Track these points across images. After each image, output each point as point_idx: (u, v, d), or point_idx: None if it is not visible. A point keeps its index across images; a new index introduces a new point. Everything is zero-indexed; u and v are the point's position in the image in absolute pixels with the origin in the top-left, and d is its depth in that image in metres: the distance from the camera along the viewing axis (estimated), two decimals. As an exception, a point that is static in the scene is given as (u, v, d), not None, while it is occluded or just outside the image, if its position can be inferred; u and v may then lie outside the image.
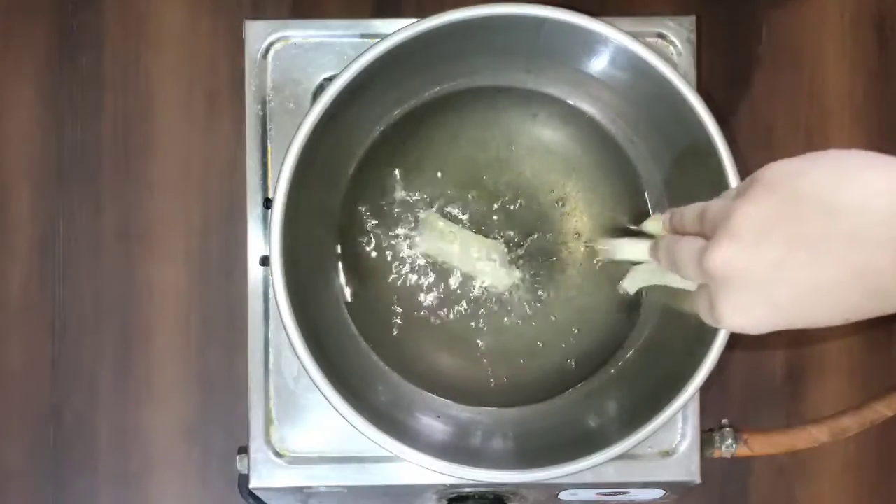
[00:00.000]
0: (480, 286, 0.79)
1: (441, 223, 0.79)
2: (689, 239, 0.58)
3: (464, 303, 0.80)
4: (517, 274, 0.79)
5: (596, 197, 0.81)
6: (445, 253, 0.79)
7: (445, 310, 0.80)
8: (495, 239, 0.79)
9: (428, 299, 0.80)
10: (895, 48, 0.92)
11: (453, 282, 0.80)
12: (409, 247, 0.79)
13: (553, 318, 0.80)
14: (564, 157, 0.81)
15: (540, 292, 0.80)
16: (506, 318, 0.80)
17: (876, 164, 0.51)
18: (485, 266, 0.79)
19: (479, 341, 0.80)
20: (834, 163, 0.52)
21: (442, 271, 0.80)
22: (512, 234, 0.80)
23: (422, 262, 0.79)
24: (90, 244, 0.90)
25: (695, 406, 0.78)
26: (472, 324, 0.80)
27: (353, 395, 0.71)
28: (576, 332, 0.80)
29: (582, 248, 0.80)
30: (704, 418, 0.78)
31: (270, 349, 0.78)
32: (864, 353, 0.91)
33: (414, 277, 0.80)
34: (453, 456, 0.72)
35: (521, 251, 0.80)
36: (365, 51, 0.71)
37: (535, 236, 0.80)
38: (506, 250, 0.79)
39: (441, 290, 0.80)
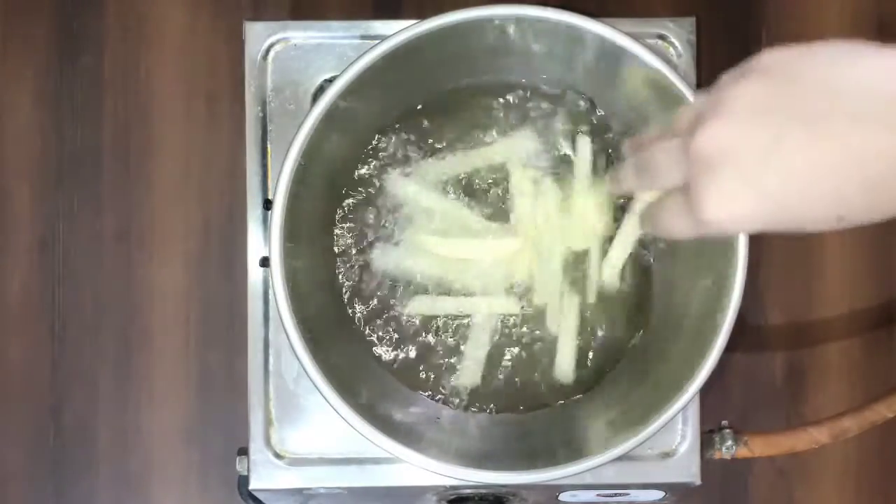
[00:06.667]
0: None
1: (428, 239, 0.79)
2: (664, 139, 0.55)
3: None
4: (515, 304, 0.79)
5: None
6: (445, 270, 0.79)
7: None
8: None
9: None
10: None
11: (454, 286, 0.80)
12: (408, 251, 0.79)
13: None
14: (565, 157, 0.81)
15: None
16: (506, 323, 0.80)
17: (880, 51, 0.48)
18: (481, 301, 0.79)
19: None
20: (836, 48, 0.49)
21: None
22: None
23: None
24: (90, 245, 0.90)
25: (695, 407, 0.78)
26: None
27: (352, 396, 0.71)
28: (576, 334, 0.80)
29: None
30: (704, 420, 0.78)
31: (270, 350, 0.78)
32: (864, 354, 0.91)
33: (414, 280, 0.79)
34: (453, 457, 0.72)
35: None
36: (365, 52, 0.71)
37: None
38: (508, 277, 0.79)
39: (445, 293, 0.80)
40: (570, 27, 0.72)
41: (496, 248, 0.78)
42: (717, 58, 0.91)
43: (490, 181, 0.80)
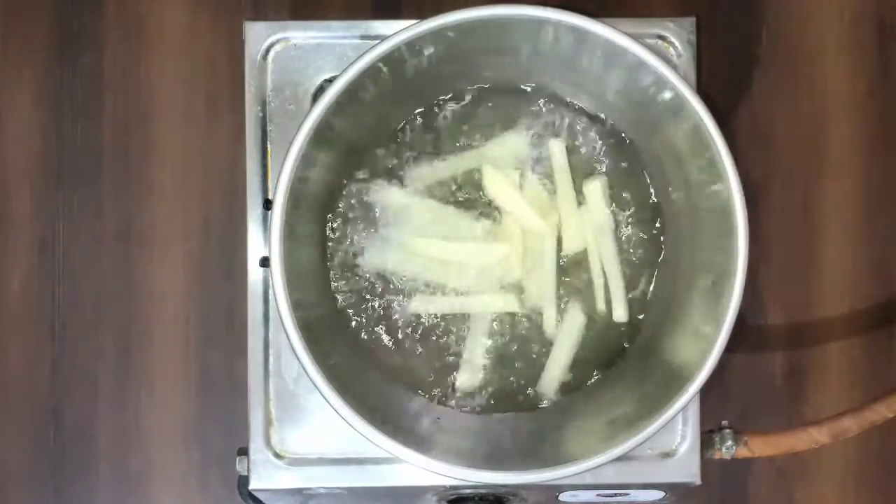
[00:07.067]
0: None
1: (422, 245, 0.79)
2: None
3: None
4: (514, 302, 0.79)
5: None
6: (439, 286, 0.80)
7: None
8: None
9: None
10: (895, 48, 0.92)
11: (450, 287, 0.80)
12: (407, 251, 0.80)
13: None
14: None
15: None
16: (507, 324, 0.80)
17: None
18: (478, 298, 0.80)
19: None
20: None
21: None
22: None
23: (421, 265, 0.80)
24: (90, 245, 0.90)
25: (695, 407, 0.78)
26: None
27: (352, 396, 0.71)
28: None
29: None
30: (704, 420, 0.78)
31: (270, 350, 0.78)
32: (864, 354, 0.91)
33: (413, 280, 0.80)
34: (453, 457, 0.72)
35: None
36: (365, 52, 0.71)
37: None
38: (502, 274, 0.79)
39: (442, 293, 0.80)
40: (570, 27, 0.72)
41: (486, 251, 0.78)
42: (717, 58, 0.91)
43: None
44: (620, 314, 0.80)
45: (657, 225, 0.81)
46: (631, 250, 0.80)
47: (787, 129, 0.92)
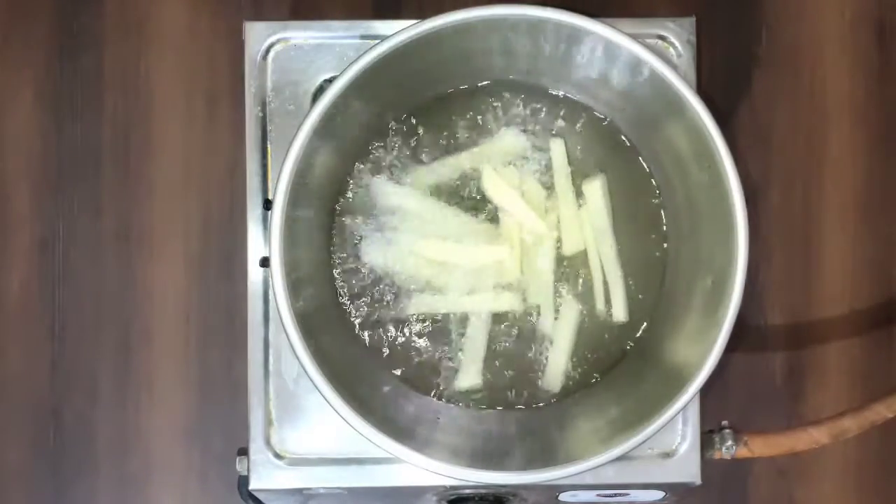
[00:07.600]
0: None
1: (423, 246, 0.79)
2: None
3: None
4: (515, 301, 0.80)
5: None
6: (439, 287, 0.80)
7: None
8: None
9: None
10: (895, 48, 0.92)
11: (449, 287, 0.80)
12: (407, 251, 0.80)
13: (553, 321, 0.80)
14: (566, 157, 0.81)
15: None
16: (506, 323, 0.80)
17: None
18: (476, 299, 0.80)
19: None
20: None
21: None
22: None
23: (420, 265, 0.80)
24: (90, 245, 0.90)
25: (695, 407, 0.78)
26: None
27: (352, 396, 0.71)
28: (577, 334, 0.80)
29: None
30: (704, 420, 0.78)
31: (270, 350, 0.78)
32: (864, 354, 0.91)
33: (413, 280, 0.80)
34: (453, 457, 0.72)
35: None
36: (365, 52, 0.71)
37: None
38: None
39: (441, 292, 0.80)
40: (571, 28, 0.72)
41: (485, 251, 0.79)
42: (717, 58, 0.91)
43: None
44: (620, 314, 0.80)
45: (657, 225, 0.81)
46: (631, 250, 0.80)
47: (787, 129, 0.92)
